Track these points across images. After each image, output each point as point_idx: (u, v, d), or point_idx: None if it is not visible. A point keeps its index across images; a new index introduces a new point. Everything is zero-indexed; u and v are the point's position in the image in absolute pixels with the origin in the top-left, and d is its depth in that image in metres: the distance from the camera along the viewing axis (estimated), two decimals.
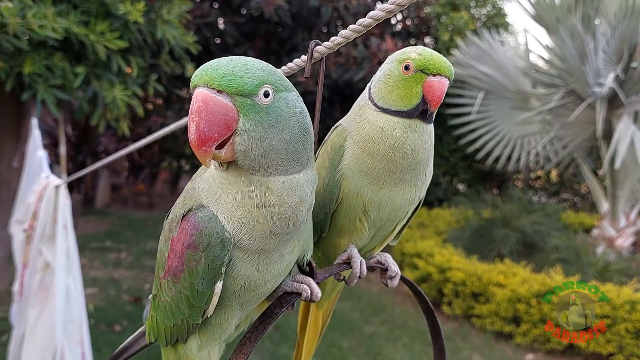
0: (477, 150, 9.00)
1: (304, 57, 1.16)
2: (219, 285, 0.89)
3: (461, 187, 12.13)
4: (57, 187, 3.04)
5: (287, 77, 1.18)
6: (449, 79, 1.05)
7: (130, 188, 12.76)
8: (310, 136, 0.89)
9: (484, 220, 8.51)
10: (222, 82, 0.78)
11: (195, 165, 14.80)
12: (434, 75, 1.04)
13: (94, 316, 5.63)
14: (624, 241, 7.25)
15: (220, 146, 0.79)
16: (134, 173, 12.04)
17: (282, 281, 1.04)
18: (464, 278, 6.40)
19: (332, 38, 1.10)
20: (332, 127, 1.19)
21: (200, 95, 0.78)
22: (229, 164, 0.83)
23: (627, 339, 5.34)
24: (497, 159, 8.86)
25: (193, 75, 0.80)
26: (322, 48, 1.12)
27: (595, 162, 9.52)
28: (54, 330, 2.89)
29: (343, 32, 1.08)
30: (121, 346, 1.32)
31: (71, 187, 9.54)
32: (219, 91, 0.78)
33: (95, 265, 7.71)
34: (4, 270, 5.84)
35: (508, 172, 11.05)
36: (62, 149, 4.91)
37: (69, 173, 7.41)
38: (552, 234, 7.64)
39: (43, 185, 3.20)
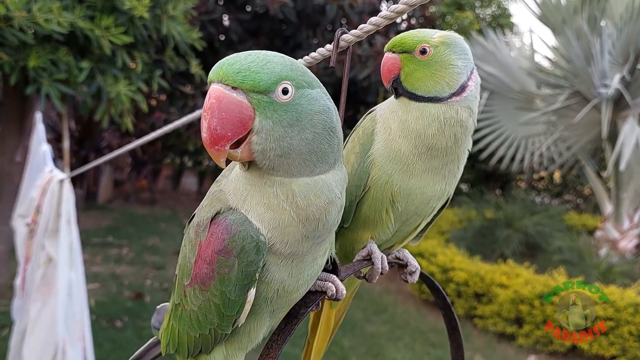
0: (481, 150, 8.97)
1: (329, 47, 1.12)
2: (252, 293, 0.84)
3: (464, 187, 12.12)
4: (61, 181, 3.03)
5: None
6: (396, 52, 1.06)
7: (132, 184, 12.77)
8: (337, 135, 0.83)
9: (486, 221, 8.50)
10: (237, 77, 0.74)
11: (198, 162, 14.83)
12: (384, 53, 1.08)
13: (95, 312, 5.62)
14: (628, 243, 7.23)
15: (237, 145, 0.75)
16: (137, 169, 12.05)
17: None
18: (467, 278, 6.39)
19: (361, 26, 1.06)
20: (366, 113, 1.18)
21: (214, 91, 0.74)
22: (250, 164, 0.79)
23: (630, 341, 5.32)
24: (500, 160, 8.84)
25: (210, 71, 0.77)
26: (349, 37, 1.07)
27: (599, 164, 9.50)
28: (55, 325, 2.88)
29: (373, 19, 1.04)
30: (132, 357, 1.24)
31: (73, 182, 9.55)
32: (234, 87, 0.74)
33: (97, 260, 7.71)
34: (6, 264, 5.84)
35: (511, 173, 11.02)
36: (66, 144, 4.89)
37: (72, 168, 7.40)
38: (555, 236, 7.62)
39: (47, 179, 3.19)
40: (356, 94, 9.23)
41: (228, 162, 0.79)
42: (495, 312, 6.09)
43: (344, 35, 1.08)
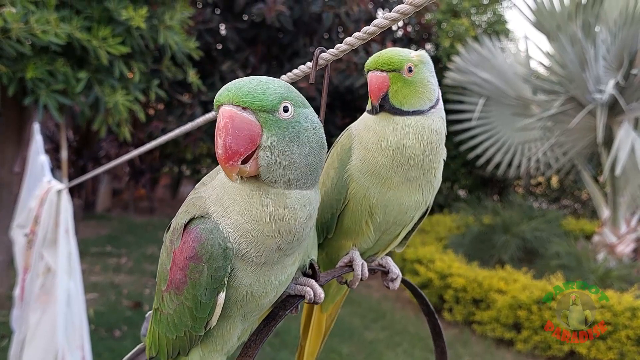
0: (478, 157, 9.00)
1: (309, 64, 1.18)
2: (221, 296, 0.91)
3: (462, 193, 12.13)
4: (59, 191, 3.04)
5: (290, 83, 1.20)
6: (385, 70, 1.11)
7: (131, 193, 12.77)
8: (325, 151, 0.92)
9: (484, 227, 8.51)
10: (247, 99, 0.83)
11: (196, 170, 14.83)
12: (368, 72, 1.13)
13: (94, 321, 5.62)
14: (625, 248, 7.25)
15: (245, 160, 0.83)
16: (135, 178, 12.06)
17: None
18: (465, 284, 6.40)
19: (337, 45, 1.12)
20: (343, 130, 1.23)
21: (226, 112, 0.82)
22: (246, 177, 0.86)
23: (628, 345, 5.33)
24: (497, 165, 8.86)
25: (217, 95, 0.85)
26: (327, 55, 1.14)
27: (595, 168, 9.53)
28: (54, 334, 2.89)
29: (348, 39, 1.10)
30: None
31: (72, 191, 9.55)
32: (244, 108, 0.83)
33: (96, 270, 7.71)
34: (5, 274, 5.84)
35: (509, 179, 11.05)
36: (64, 154, 4.92)
37: (70, 178, 7.41)
38: (553, 241, 7.63)
39: (45, 189, 3.20)
40: (353, 101, 9.27)
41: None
42: (494, 317, 6.10)
43: (323, 54, 1.14)
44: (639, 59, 6.74)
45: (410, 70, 1.10)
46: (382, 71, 1.12)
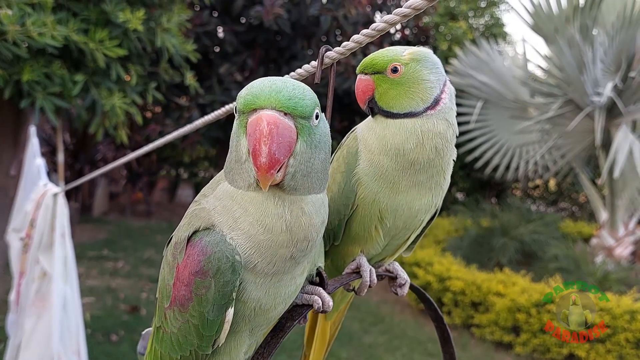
0: (476, 159, 9.00)
1: (313, 63, 1.15)
2: (230, 312, 0.85)
3: (460, 195, 12.13)
4: (55, 195, 3.02)
5: None
6: (368, 73, 1.08)
7: (128, 196, 12.73)
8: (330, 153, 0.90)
9: (482, 229, 8.50)
10: (289, 104, 0.78)
11: (194, 174, 14.81)
12: (357, 74, 1.11)
13: (91, 326, 5.58)
14: (623, 250, 7.24)
15: None
16: (132, 181, 12.02)
17: None
18: (463, 287, 6.38)
19: (344, 43, 1.08)
20: (349, 132, 1.19)
21: (270, 117, 0.76)
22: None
23: (627, 348, 5.32)
24: (495, 168, 8.86)
25: (250, 96, 0.80)
26: (332, 54, 1.10)
27: (593, 171, 9.53)
28: (50, 339, 2.86)
29: (355, 37, 1.06)
30: None
31: (68, 195, 9.51)
32: (285, 113, 0.78)
33: (92, 274, 7.67)
34: (0, 279, 5.80)
35: (506, 181, 11.04)
36: (60, 157, 4.89)
37: (67, 181, 7.38)
38: (551, 244, 7.63)
39: (41, 193, 3.18)
40: (351, 104, 9.25)
41: None
42: (492, 320, 6.08)
43: (328, 53, 1.10)
44: (637, 61, 6.75)
45: (395, 70, 1.05)
46: (365, 74, 1.08)
